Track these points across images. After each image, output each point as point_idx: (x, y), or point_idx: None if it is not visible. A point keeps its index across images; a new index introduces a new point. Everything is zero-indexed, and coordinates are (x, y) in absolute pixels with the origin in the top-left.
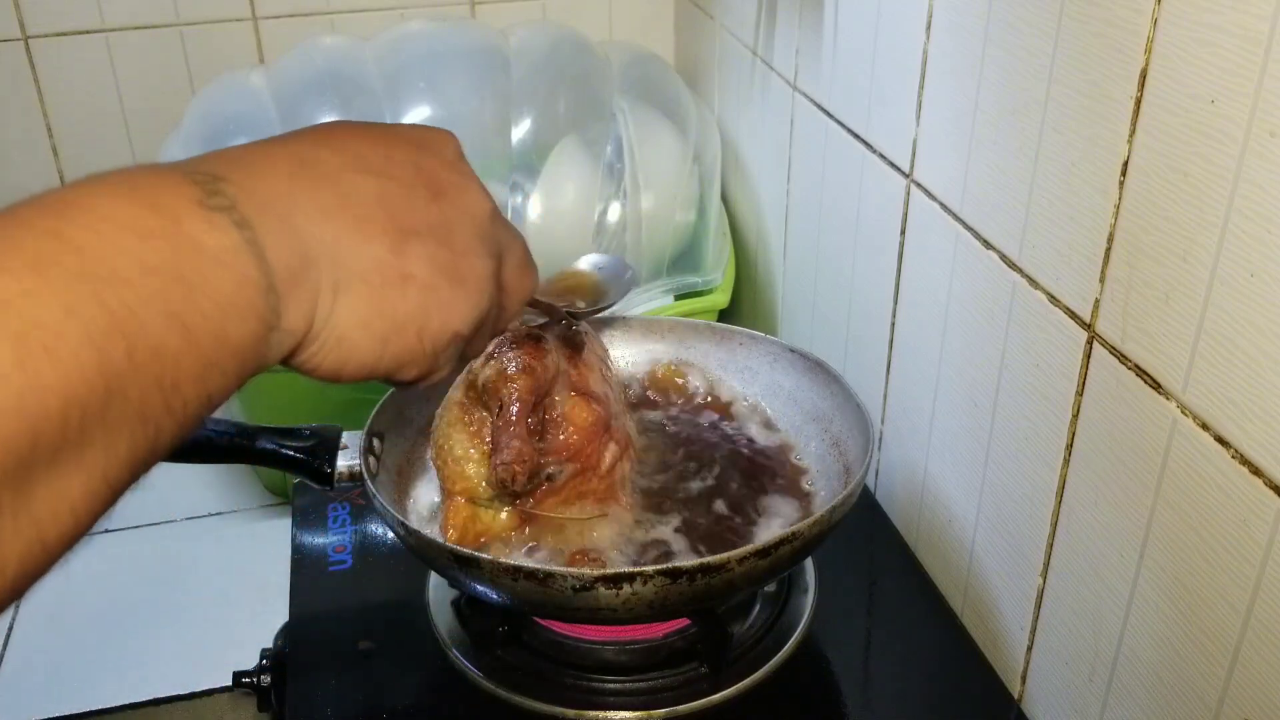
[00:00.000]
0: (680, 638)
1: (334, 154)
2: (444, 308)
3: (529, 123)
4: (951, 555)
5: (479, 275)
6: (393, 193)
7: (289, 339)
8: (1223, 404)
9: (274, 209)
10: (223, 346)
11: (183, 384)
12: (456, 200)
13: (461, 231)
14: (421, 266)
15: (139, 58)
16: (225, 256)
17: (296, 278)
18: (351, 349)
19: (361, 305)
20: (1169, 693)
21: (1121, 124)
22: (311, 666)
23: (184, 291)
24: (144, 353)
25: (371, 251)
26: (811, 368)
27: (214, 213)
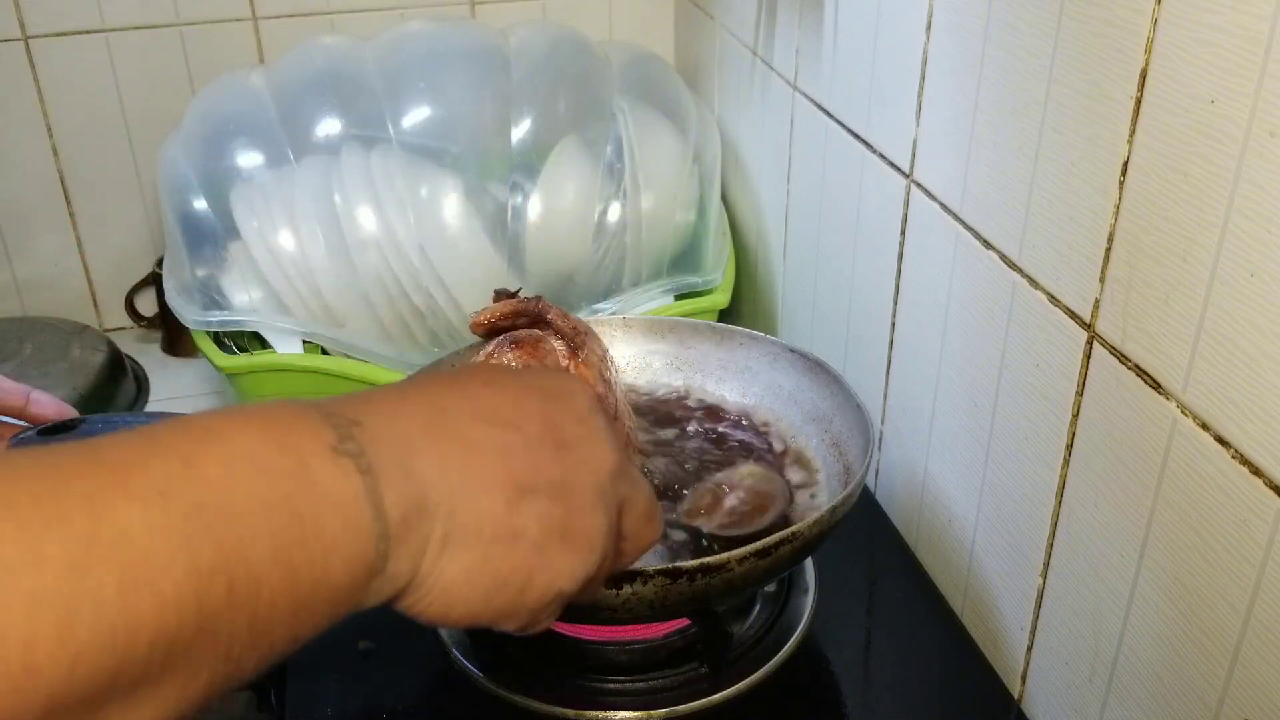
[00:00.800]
0: (680, 638)
1: (465, 402)
2: (550, 569)
3: (529, 123)
4: (951, 555)
5: (591, 534)
6: (517, 446)
7: (389, 586)
8: (1223, 404)
9: (400, 457)
10: (322, 590)
11: (275, 626)
12: (580, 456)
13: (580, 489)
14: (533, 525)
15: (139, 58)
16: (344, 502)
17: (410, 527)
18: (455, 600)
19: (468, 559)
20: (1169, 693)
21: (1121, 124)
22: (311, 666)
23: (297, 533)
24: (244, 592)
25: (487, 506)
26: (811, 368)
27: (342, 458)
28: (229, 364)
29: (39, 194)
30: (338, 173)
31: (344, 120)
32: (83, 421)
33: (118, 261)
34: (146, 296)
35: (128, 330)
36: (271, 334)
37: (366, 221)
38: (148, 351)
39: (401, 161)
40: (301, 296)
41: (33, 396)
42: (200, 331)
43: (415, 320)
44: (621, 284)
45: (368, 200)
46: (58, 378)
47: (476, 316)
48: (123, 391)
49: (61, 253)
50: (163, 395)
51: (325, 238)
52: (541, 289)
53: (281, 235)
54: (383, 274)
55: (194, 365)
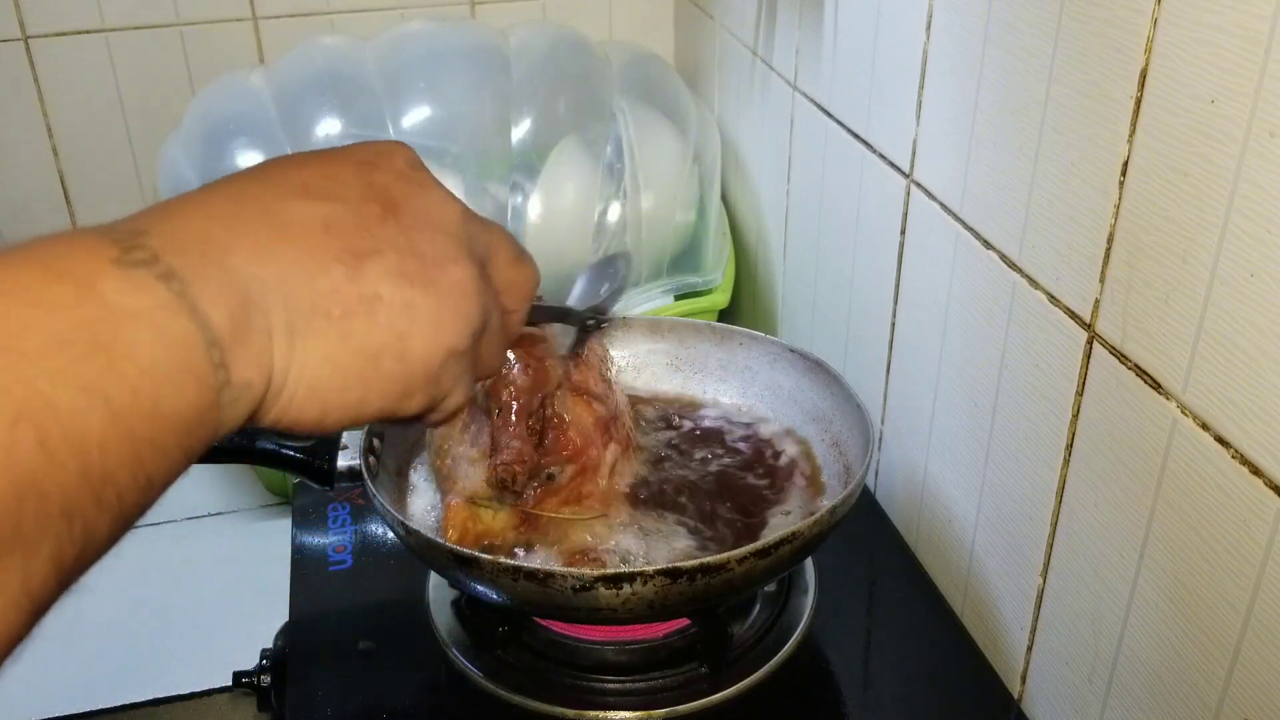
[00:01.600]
0: (680, 638)
1: (270, 186)
2: (425, 324)
3: (529, 123)
4: (951, 555)
5: (459, 280)
6: (339, 215)
7: (245, 396)
8: (1223, 404)
9: (205, 255)
10: (158, 419)
11: (113, 471)
12: (415, 209)
13: (427, 240)
14: (386, 285)
15: (139, 58)
16: (150, 315)
17: (240, 326)
18: (327, 393)
19: (325, 342)
20: (1169, 693)
21: (1121, 124)
22: (311, 666)
23: (102, 362)
24: (59, 440)
25: (325, 281)
26: (811, 368)
27: (133, 269)
28: None
29: (39, 194)
30: None
31: (344, 120)
32: None
33: None
34: None
35: None
36: None
37: None
38: None
39: None
40: None
41: None
42: None
43: None
44: None
45: None
46: None
47: None
48: None
49: None
50: None
51: None
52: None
53: None
54: None
55: None
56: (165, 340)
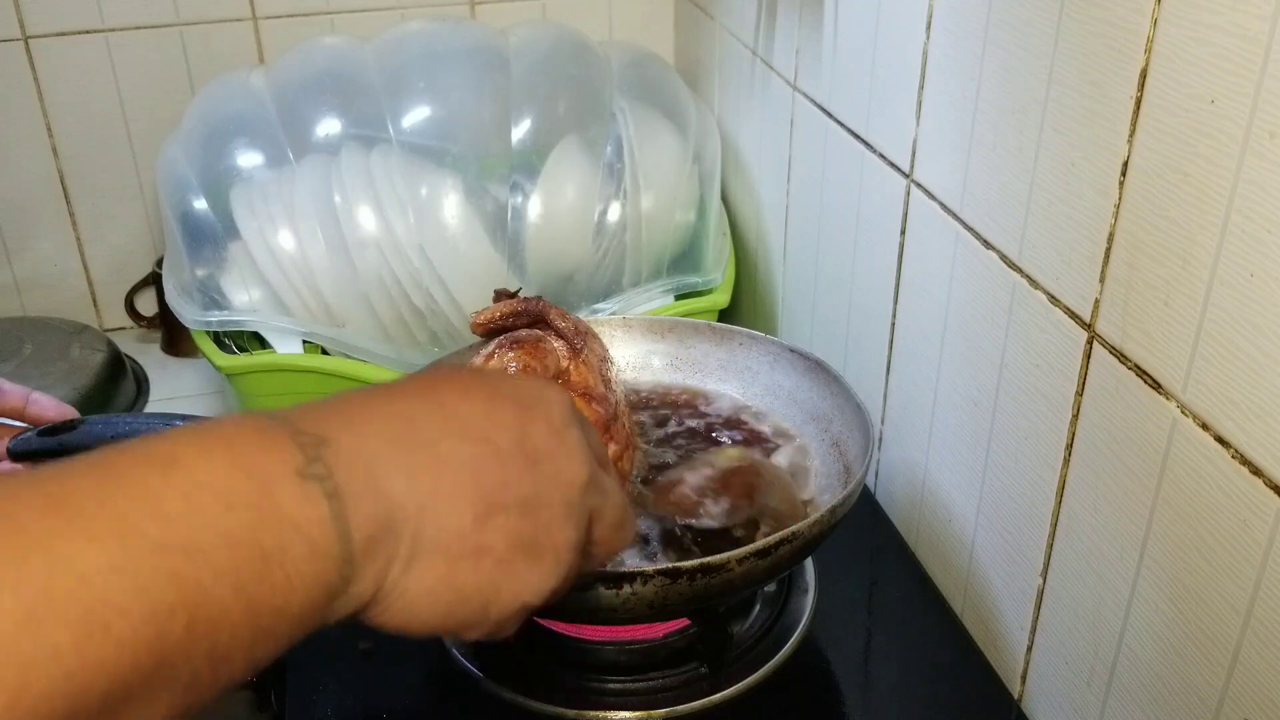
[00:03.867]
0: (680, 638)
1: (437, 413)
2: (515, 582)
3: (529, 123)
4: (951, 555)
5: (559, 548)
6: (488, 460)
7: (351, 604)
8: (1223, 404)
9: (367, 475)
10: (281, 617)
11: (234, 654)
12: (552, 469)
13: (549, 504)
14: (500, 541)
15: (139, 58)
16: (309, 529)
17: (374, 548)
18: (416, 614)
19: (433, 575)
20: (1169, 693)
21: (1121, 124)
22: (311, 666)
23: (260, 566)
24: (203, 626)
25: (454, 522)
26: (811, 368)
27: (309, 482)
28: (229, 364)
29: (39, 194)
30: (337, 173)
31: (344, 120)
32: (83, 422)
33: (118, 261)
34: (146, 296)
35: (128, 330)
36: (271, 334)
37: (366, 221)
38: (148, 351)
39: (401, 161)
40: (301, 296)
41: (32, 397)
42: (200, 331)
43: (415, 320)
44: (621, 284)
45: (368, 200)
46: (58, 378)
47: (476, 316)
48: (122, 391)
49: (61, 253)
50: (163, 395)
51: (325, 238)
52: (541, 289)
53: (281, 235)
54: (383, 274)
55: (194, 365)
56: (313, 555)
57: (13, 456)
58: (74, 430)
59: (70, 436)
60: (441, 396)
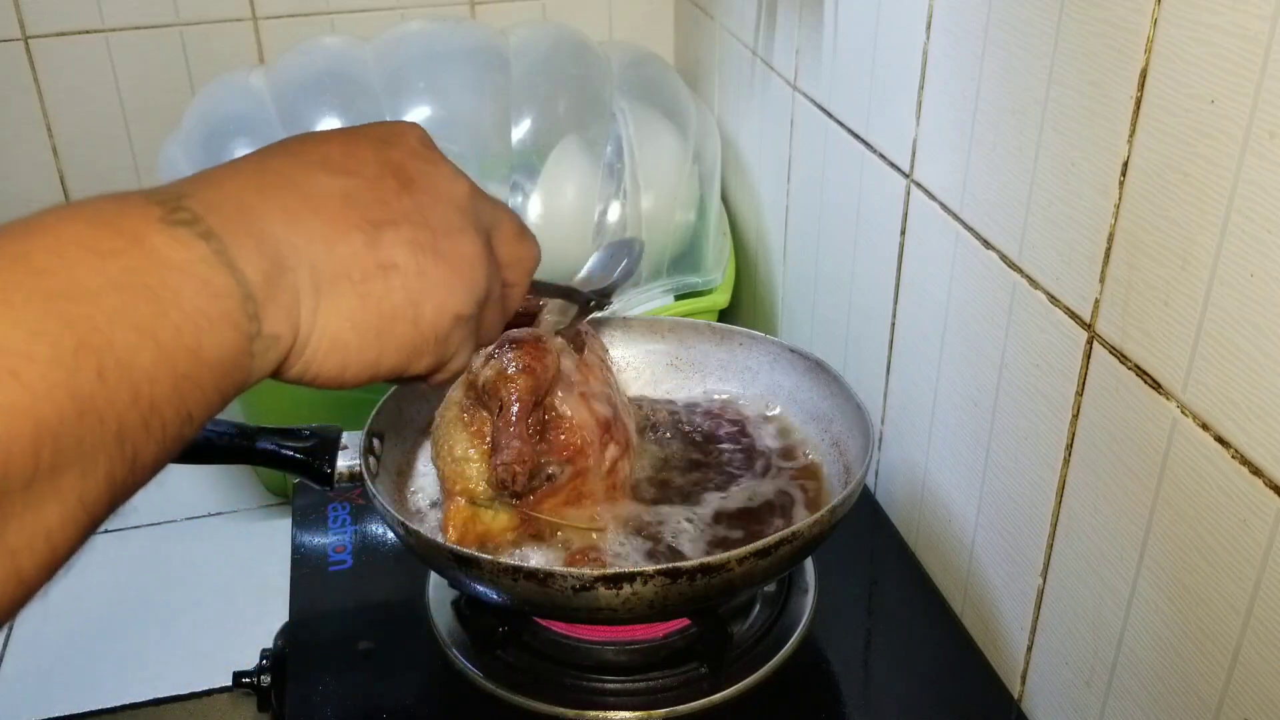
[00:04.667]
0: (680, 638)
1: (296, 159)
2: (436, 290)
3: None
4: (951, 555)
5: (467, 252)
6: (359, 188)
7: (275, 347)
8: (1223, 404)
9: (240, 219)
10: (199, 360)
11: (160, 402)
12: (428, 184)
13: (439, 212)
14: (402, 253)
15: (139, 58)
16: (194, 268)
17: (272, 283)
18: (346, 350)
19: (347, 303)
20: (1169, 693)
21: (1121, 124)
22: (311, 666)
23: (153, 306)
24: (115, 370)
25: (346, 248)
26: (811, 368)
27: (177, 227)
28: None
29: (39, 194)
30: None
31: (344, 120)
32: None
33: None
34: None
35: None
36: None
37: None
38: None
39: None
40: None
41: None
42: None
43: None
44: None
45: None
46: None
47: None
48: None
49: None
50: None
51: None
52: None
53: None
54: None
55: None
56: (207, 290)
57: None
58: None
59: None
60: (293, 146)
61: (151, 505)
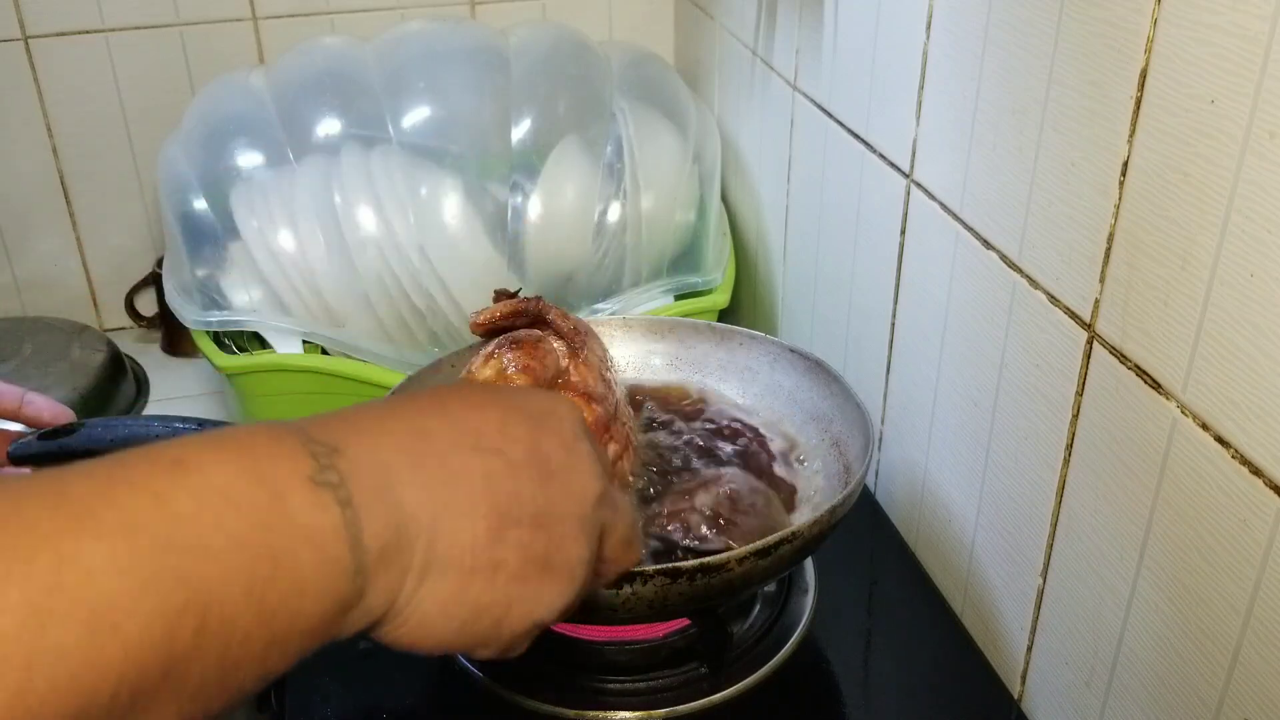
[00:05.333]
0: (680, 638)
1: (449, 428)
2: (529, 599)
3: (529, 123)
4: (951, 555)
5: (572, 565)
6: (501, 474)
7: (365, 619)
8: (1223, 404)
9: (380, 485)
10: (294, 628)
11: (245, 663)
12: (565, 483)
13: (562, 518)
14: (514, 556)
15: (139, 58)
16: (321, 537)
17: (388, 560)
18: (429, 630)
19: (446, 590)
20: (1169, 693)
21: (1121, 124)
22: (311, 666)
23: (270, 571)
24: (214, 632)
25: (468, 536)
26: (811, 368)
27: (321, 489)
28: (229, 364)
29: (39, 194)
30: (338, 173)
31: (344, 120)
32: (83, 425)
33: (118, 261)
34: (146, 296)
35: (128, 330)
36: (271, 334)
37: (366, 221)
38: (148, 351)
39: (401, 161)
40: (301, 296)
41: (27, 398)
42: (200, 331)
43: (415, 320)
44: (621, 284)
45: (368, 200)
46: (58, 378)
47: (476, 317)
48: (122, 392)
49: (61, 253)
50: (163, 395)
51: (325, 238)
52: (541, 289)
53: (281, 235)
54: (383, 274)
55: (194, 365)
56: (325, 563)
57: (14, 460)
58: (74, 433)
59: (70, 439)
60: (453, 408)
61: None
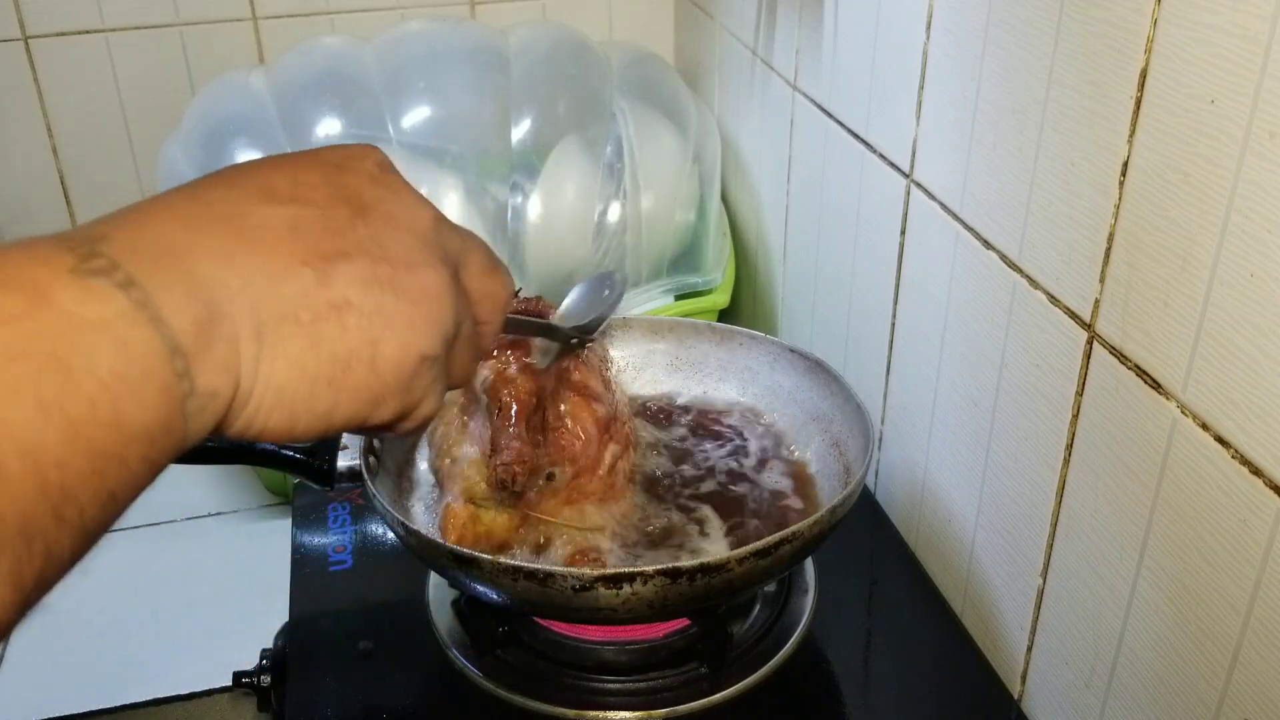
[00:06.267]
0: (680, 638)
1: (234, 189)
2: (396, 330)
3: (529, 123)
4: (951, 555)
5: (431, 286)
6: (307, 218)
7: (211, 405)
8: (1223, 404)
9: (167, 261)
10: (120, 432)
11: (73, 488)
12: (386, 212)
13: (398, 243)
14: (356, 290)
15: (139, 58)
16: (110, 325)
17: (205, 332)
18: (295, 401)
19: (294, 349)
20: (1169, 693)
21: (1121, 124)
22: (311, 666)
23: (60, 376)
24: (14, 458)
25: (292, 286)
26: (811, 368)
27: (91, 278)
28: None
29: (39, 194)
30: None
31: (344, 120)
32: None
33: None
34: None
35: None
36: None
37: None
38: None
39: (401, 161)
40: None
41: None
42: None
43: None
44: None
45: None
46: None
47: None
48: None
49: None
50: None
51: None
52: (541, 289)
53: None
54: None
55: None
56: (126, 351)
57: None
58: None
59: None
60: (232, 175)
61: (151, 505)
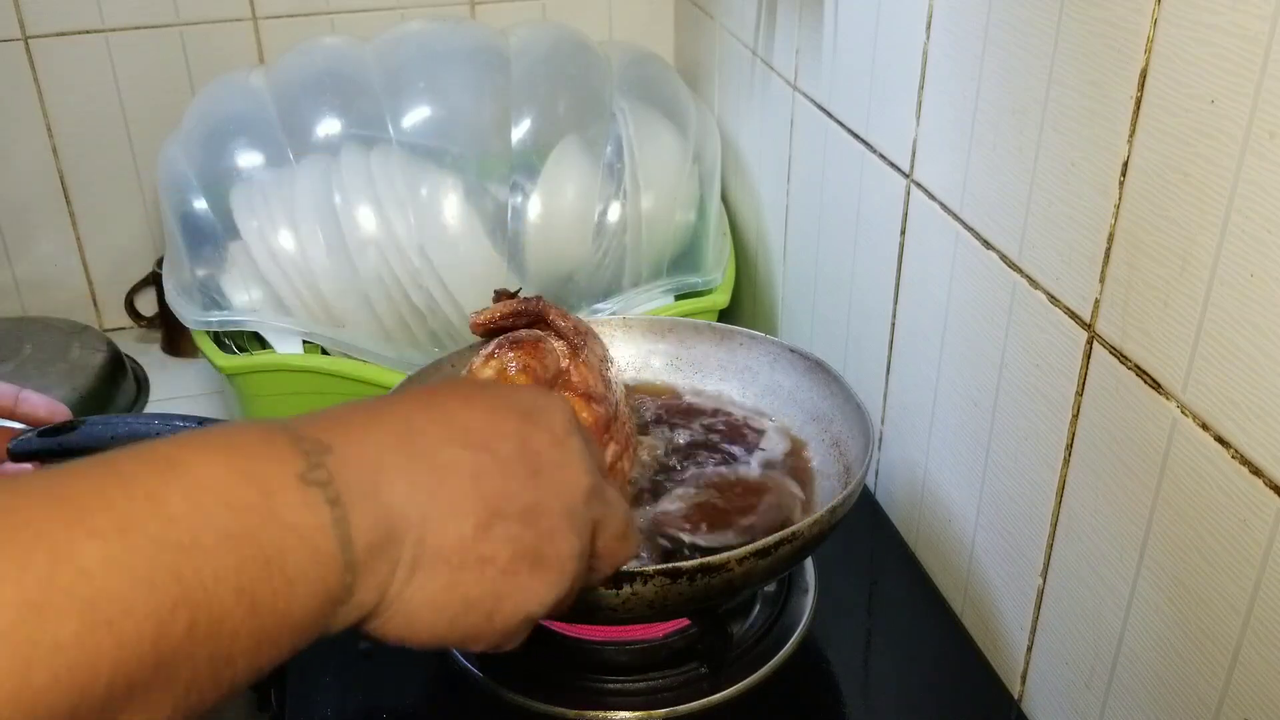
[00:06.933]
0: (680, 638)
1: (438, 425)
2: (518, 592)
3: (529, 123)
4: (951, 555)
5: (561, 559)
6: (489, 470)
7: (355, 613)
8: (1223, 404)
9: (369, 483)
10: (285, 622)
11: (236, 658)
12: (554, 479)
13: (552, 512)
14: (503, 550)
15: (139, 58)
16: (310, 535)
17: (376, 555)
18: (419, 625)
19: (435, 585)
20: (1169, 693)
21: (1121, 124)
22: (311, 666)
23: (261, 568)
24: (205, 627)
25: (456, 531)
26: (811, 368)
27: (310, 487)
28: (229, 364)
29: (39, 194)
30: (338, 173)
31: (344, 120)
32: (83, 423)
33: (118, 261)
34: (146, 296)
35: (128, 330)
36: (271, 334)
37: (366, 221)
38: (148, 351)
39: (401, 161)
40: (301, 296)
41: (22, 396)
42: (200, 331)
43: (415, 320)
44: (621, 284)
45: (368, 200)
46: (57, 378)
47: (476, 317)
48: (122, 392)
49: (61, 253)
50: (163, 395)
51: (325, 238)
52: (541, 289)
53: (281, 235)
54: (383, 274)
55: (194, 365)
56: (315, 558)
57: (13, 457)
58: (74, 431)
59: (70, 437)
60: (443, 405)
61: None
